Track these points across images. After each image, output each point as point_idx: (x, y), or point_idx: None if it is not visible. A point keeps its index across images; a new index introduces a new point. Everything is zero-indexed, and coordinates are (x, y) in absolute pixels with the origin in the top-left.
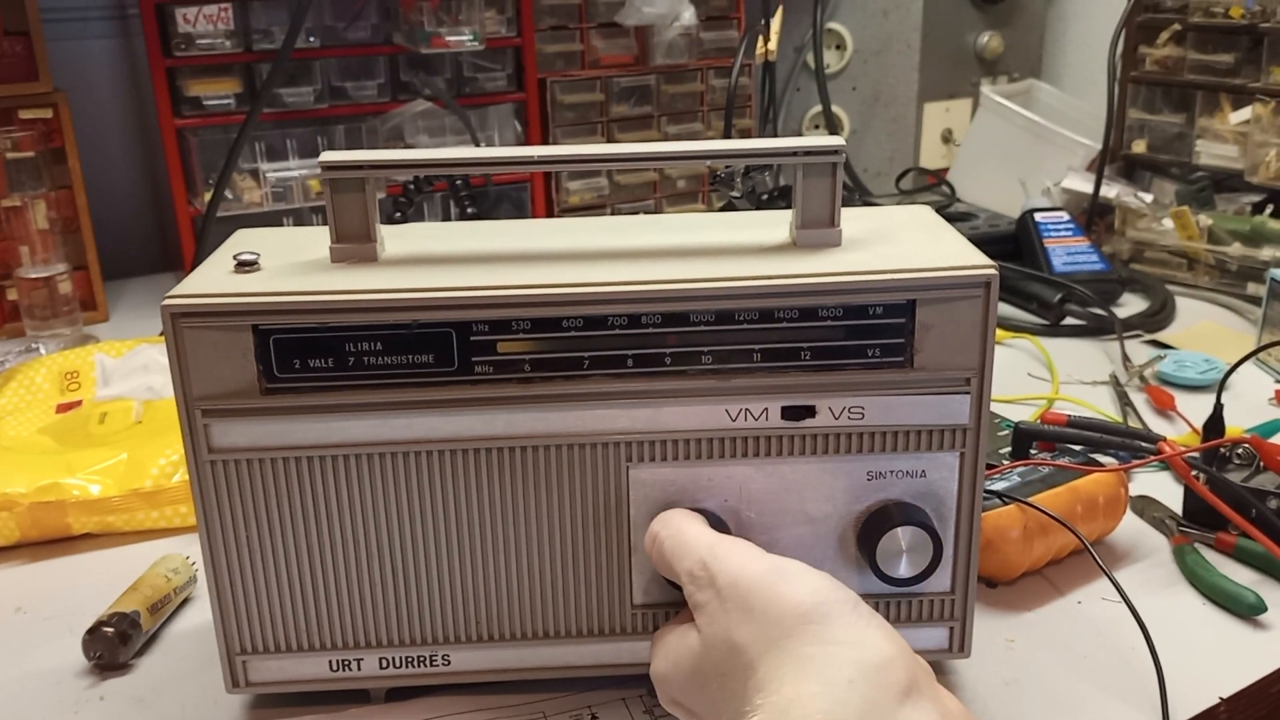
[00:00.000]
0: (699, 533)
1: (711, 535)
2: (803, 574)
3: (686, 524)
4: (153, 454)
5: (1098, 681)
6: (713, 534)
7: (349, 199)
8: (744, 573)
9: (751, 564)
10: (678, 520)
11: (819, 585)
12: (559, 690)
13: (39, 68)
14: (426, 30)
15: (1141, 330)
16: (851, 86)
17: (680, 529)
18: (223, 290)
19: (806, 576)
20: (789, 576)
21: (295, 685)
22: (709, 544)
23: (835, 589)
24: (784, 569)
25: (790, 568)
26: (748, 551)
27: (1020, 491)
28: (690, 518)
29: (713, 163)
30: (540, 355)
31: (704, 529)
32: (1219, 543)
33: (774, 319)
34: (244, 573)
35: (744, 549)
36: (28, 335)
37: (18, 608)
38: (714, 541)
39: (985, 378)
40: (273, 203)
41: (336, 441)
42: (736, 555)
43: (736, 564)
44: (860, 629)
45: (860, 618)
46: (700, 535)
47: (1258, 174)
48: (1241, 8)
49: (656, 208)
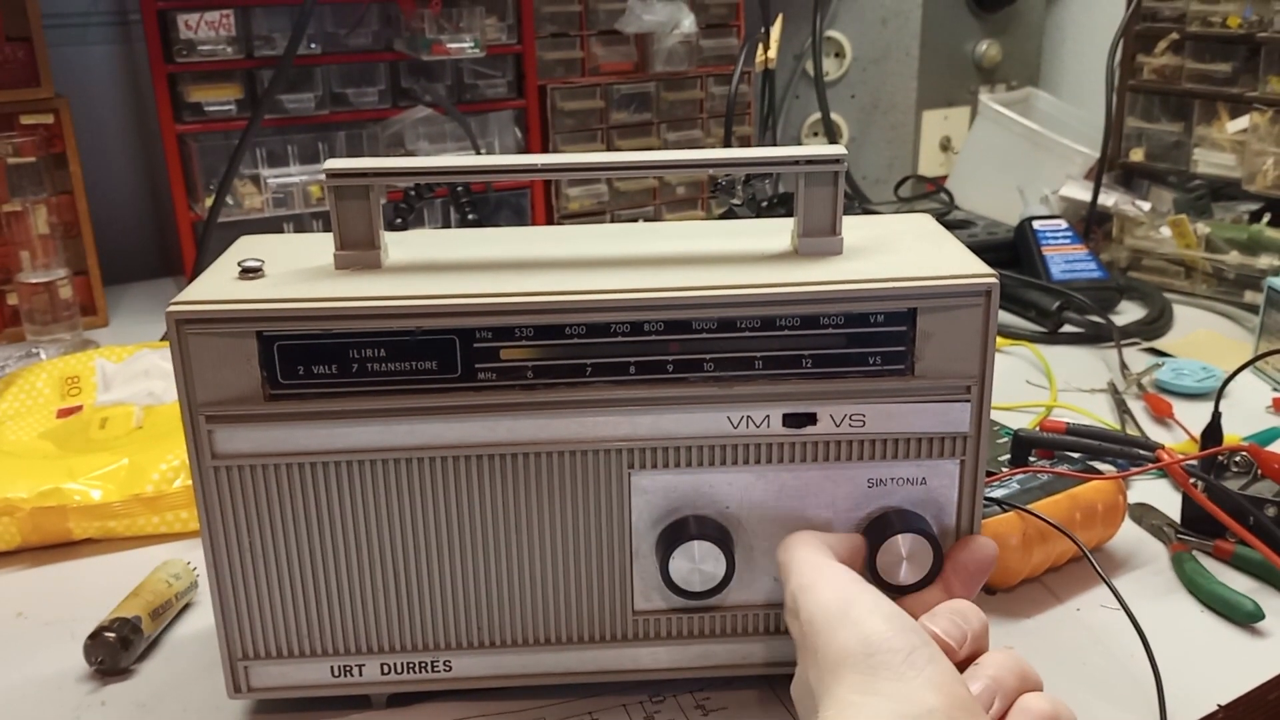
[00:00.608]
0: (803, 558)
1: (809, 562)
2: (865, 616)
3: (798, 547)
4: (154, 459)
5: (1096, 688)
6: (813, 560)
7: (353, 206)
8: (817, 611)
9: (826, 602)
10: (794, 544)
11: (875, 630)
12: (560, 696)
13: (40, 73)
14: (427, 37)
15: (1139, 338)
16: (850, 94)
17: (791, 554)
18: (227, 297)
19: (867, 619)
20: (850, 620)
21: (297, 690)
22: (800, 574)
23: (893, 634)
24: (850, 609)
25: (857, 607)
26: (831, 583)
27: (1019, 499)
28: (806, 541)
29: (715, 170)
30: (543, 362)
31: (810, 553)
32: (1217, 550)
33: (776, 327)
34: (246, 578)
35: (829, 580)
36: (28, 340)
37: (19, 613)
38: (807, 570)
39: (985, 386)
40: (273, 208)
41: (340, 448)
42: (818, 589)
43: (815, 600)
44: (906, 680)
45: (911, 668)
46: (801, 561)
47: (1255, 182)
48: (1239, 17)
49: (656, 214)
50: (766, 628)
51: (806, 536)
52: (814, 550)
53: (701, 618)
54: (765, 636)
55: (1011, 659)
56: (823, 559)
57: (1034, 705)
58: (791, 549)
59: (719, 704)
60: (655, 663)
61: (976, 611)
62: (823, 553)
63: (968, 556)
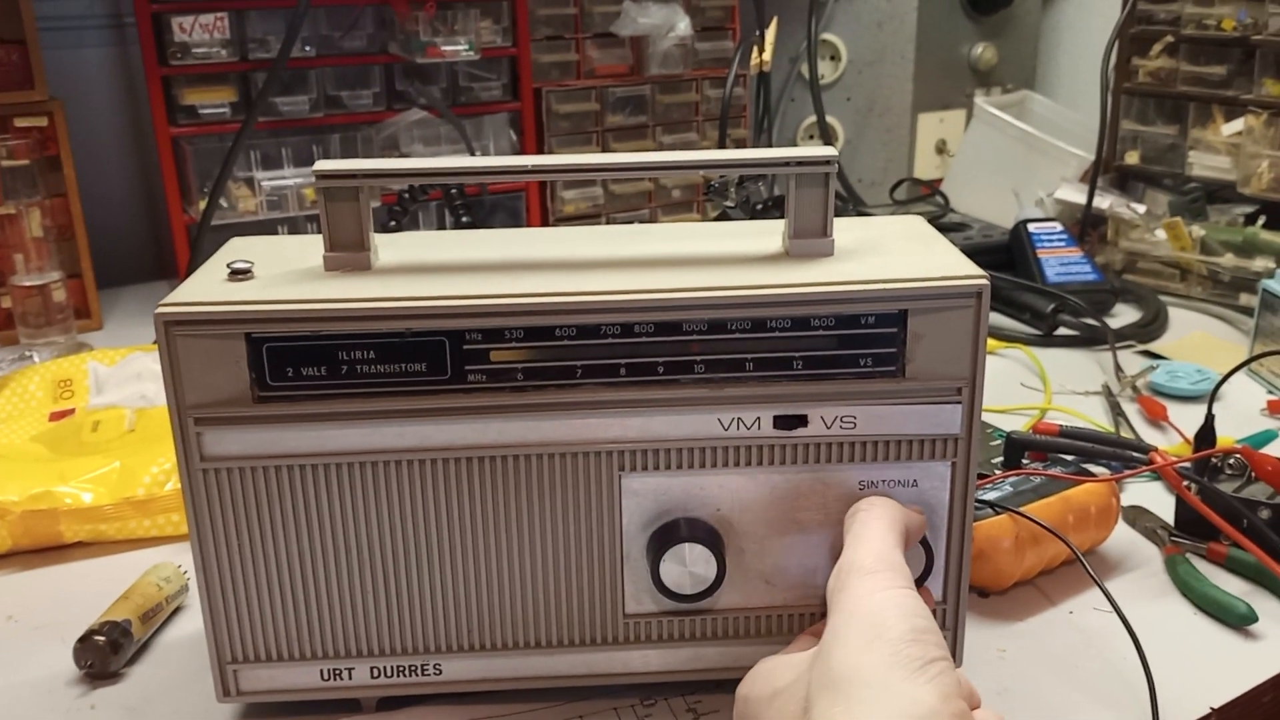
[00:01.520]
0: (858, 544)
1: (864, 554)
2: (900, 619)
3: (862, 525)
4: (145, 462)
5: (1089, 691)
6: (870, 550)
7: (343, 208)
8: (848, 615)
9: (856, 606)
10: (861, 518)
11: (906, 632)
12: (550, 700)
13: (35, 76)
14: (422, 40)
15: (1134, 340)
16: (846, 97)
17: (856, 530)
18: (216, 298)
19: (904, 621)
20: (890, 620)
21: (286, 694)
22: (849, 565)
23: (922, 646)
24: (872, 620)
25: (896, 609)
26: (870, 586)
27: (1012, 501)
28: (874, 521)
29: (706, 172)
30: (533, 364)
31: (870, 540)
32: (1210, 553)
33: (766, 328)
34: (235, 581)
35: (867, 584)
36: (21, 343)
37: (9, 616)
38: (856, 565)
39: (977, 387)
40: (267, 211)
41: (329, 450)
42: (854, 587)
43: (849, 598)
44: (919, 685)
45: (924, 675)
46: (856, 549)
47: (1250, 185)
48: (1234, 20)
49: (651, 217)
50: (758, 630)
51: (881, 514)
52: (883, 528)
53: (692, 621)
54: (757, 639)
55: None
56: (884, 542)
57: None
58: (861, 524)
59: (710, 707)
60: (646, 666)
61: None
62: (891, 540)
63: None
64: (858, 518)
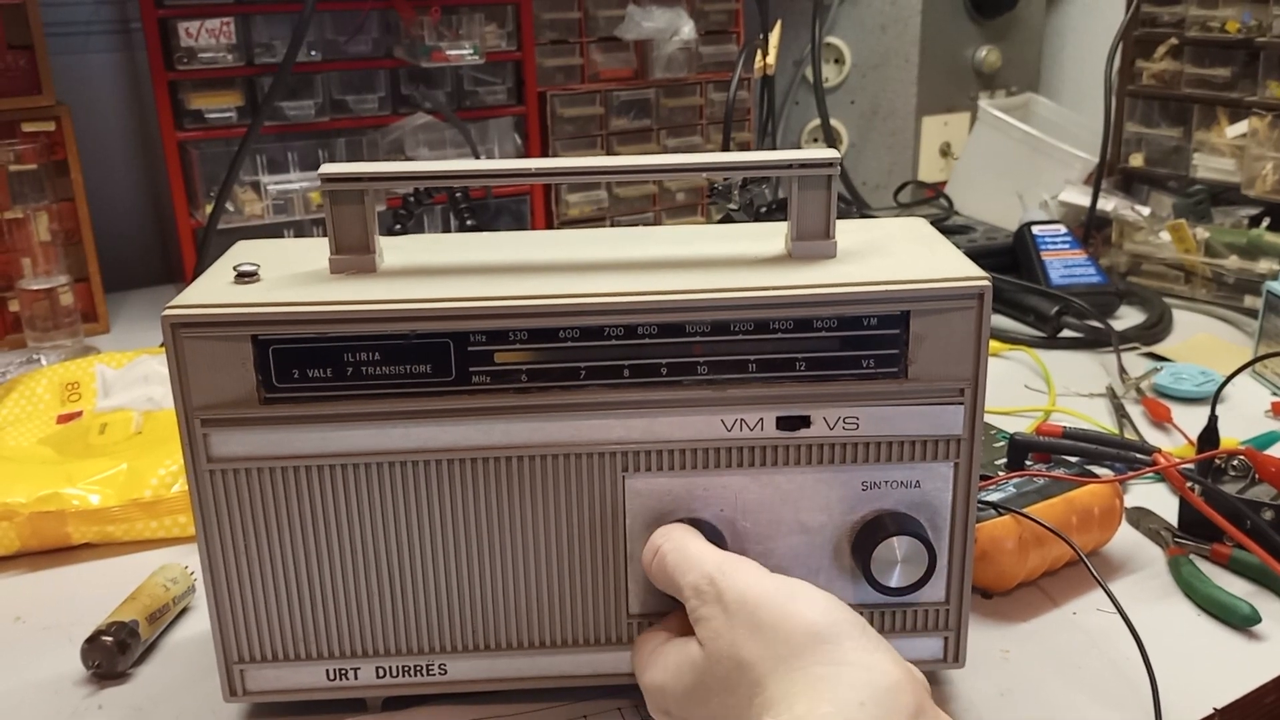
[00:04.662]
0: (704, 548)
1: (718, 552)
2: (811, 594)
3: (690, 539)
4: (152, 464)
5: (1092, 692)
6: (719, 551)
7: (348, 211)
8: (752, 589)
9: (760, 581)
10: (679, 534)
11: (828, 606)
12: (555, 700)
13: (42, 81)
14: (427, 44)
15: (1138, 343)
16: (850, 100)
17: (683, 543)
18: (222, 301)
19: (815, 596)
20: (798, 595)
21: (292, 694)
22: (717, 560)
23: (843, 610)
24: (793, 588)
25: (799, 587)
26: (755, 569)
27: (1016, 502)
28: (692, 532)
29: (709, 175)
30: (537, 365)
31: (708, 545)
32: (1214, 554)
33: (769, 330)
34: (242, 582)
35: (752, 567)
36: (29, 346)
37: (17, 617)
38: (722, 559)
39: (979, 388)
40: (274, 215)
41: (335, 451)
42: (745, 572)
43: (744, 581)
44: (870, 651)
45: (869, 640)
46: (706, 551)
47: (1254, 187)
48: (1238, 22)
49: (655, 220)
50: None
51: (686, 529)
52: (703, 540)
53: None
54: None
55: None
56: (720, 550)
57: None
58: (680, 540)
59: None
60: None
61: None
62: (708, 542)
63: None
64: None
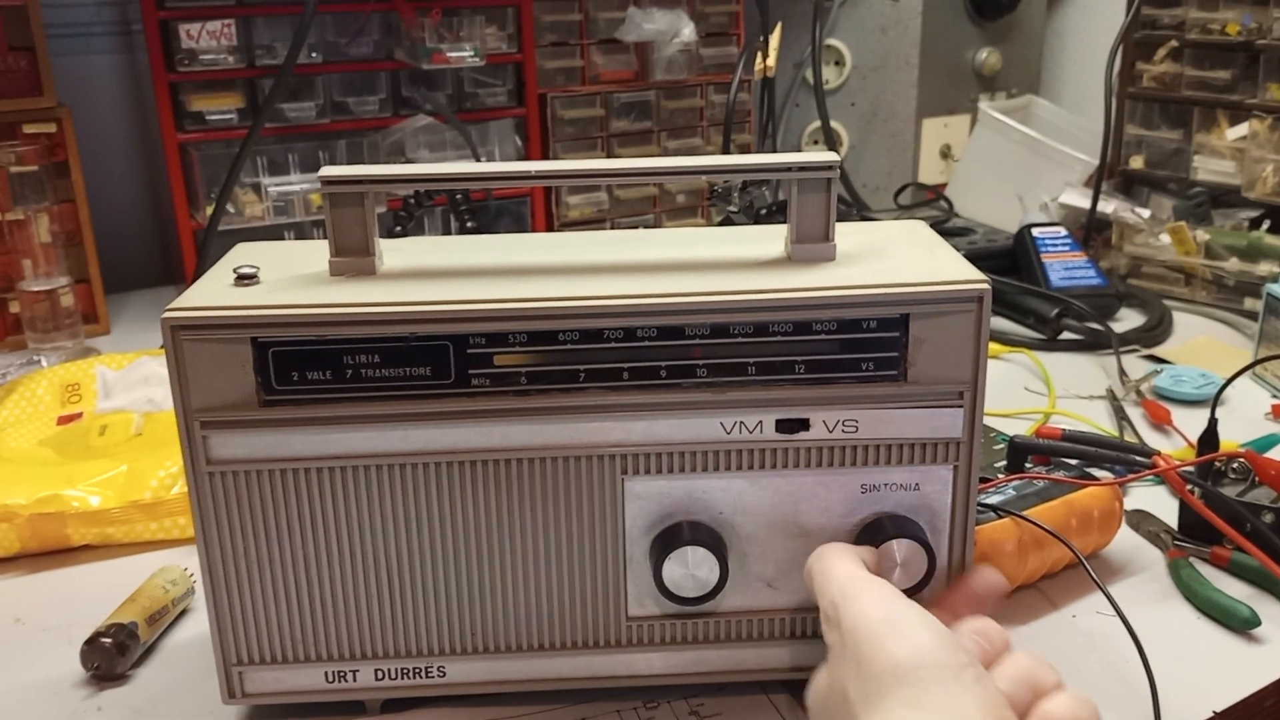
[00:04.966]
0: (842, 569)
1: (849, 572)
2: (913, 629)
3: (835, 558)
4: (152, 466)
5: (1091, 694)
6: (852, 571)
7: (348, 213)
8: (861, 619)
9: (873, 611)
10: (830, 554)
11: (924, 644)
12: (554, 702)
13: (43, 82)
14: (428, 46)
15: (1138, 345)
16: (850, 102)
17: (828, 564)
18: (222, 303)
19: (915, 633)
20: (898, 631)
21: (291, 696)
22: (842, 584)
23: (941, 649)
24: (897, 621)
25: (905, 620)
26: (876, 595)
27: (1015, 505)
28: (842, 552)
29: (710, 177)
30: (536, 368)
31: (849, 564)
32: (1214, 557)
33: (768, 332)
34: (241, 584)
35: (874, 592)
36: (30, 348)
37: (17, 618)
38: (848, 581)
39: (978, 391)
40: (274, 217)
41: (334, 453)
42: (863, 600)
43: (858, 609)
44: (955, 697)
45: (959, 684)
46: (840, 572)
47: (1254, 189)
48: (1238, 25)
49: (656, 222)
50: (760, 634)
51: (841, 548)
52: (852, 562)
53: (695, 623)
54: (759, 642)
55: (1025, 669)
56: (863, 571)
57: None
58: (829, 560)
59: (713, 710)
60: (649, 669)
61: (1000, 630)
62: (860, 565)
63: (980, 583)
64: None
